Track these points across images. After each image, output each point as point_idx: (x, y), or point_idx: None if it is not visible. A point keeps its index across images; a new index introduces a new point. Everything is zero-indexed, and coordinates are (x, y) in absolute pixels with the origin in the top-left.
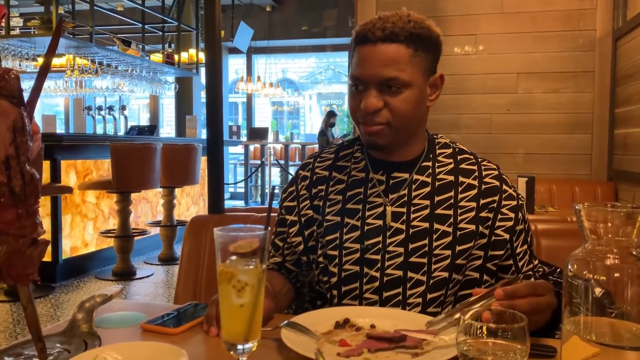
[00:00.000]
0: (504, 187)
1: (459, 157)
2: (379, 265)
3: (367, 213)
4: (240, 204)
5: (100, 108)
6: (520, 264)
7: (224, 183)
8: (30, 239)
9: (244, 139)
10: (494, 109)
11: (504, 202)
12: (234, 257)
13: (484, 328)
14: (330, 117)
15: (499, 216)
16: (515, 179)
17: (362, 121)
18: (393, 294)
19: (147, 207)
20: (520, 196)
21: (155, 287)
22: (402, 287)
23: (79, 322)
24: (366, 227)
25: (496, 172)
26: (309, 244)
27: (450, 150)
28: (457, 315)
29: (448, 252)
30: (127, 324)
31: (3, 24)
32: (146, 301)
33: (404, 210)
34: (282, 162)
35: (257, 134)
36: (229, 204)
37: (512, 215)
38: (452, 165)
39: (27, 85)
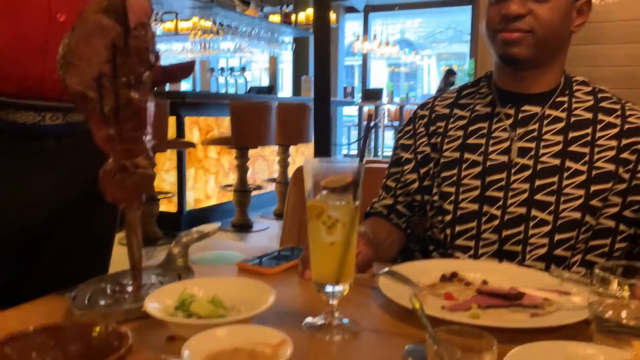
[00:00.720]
0: None
1: (599, 96)
2: (500, 203)
3: (491, 149)
4: None
5: (222, 69)
6: None
7: (329, 136)
8: (119, 164)
9: (358, 101)
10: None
11: None
12: (324, 192)
13: (626, 287)
14: (449, 76)
15: None
16: None
17: (500, 28)
18: (514, 232)
19: (264, 164)
20: None
21: (269, 241)
22: (525, 226)
23: (175, 256)
24: (488, 163)
25: None
26: (424, 183)
27: (589, 88)
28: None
29: (581, 192)
30: (223, 262)
31: None
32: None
33: (533, 145)
34: (396, 123)
35: (371, 95)
36: None
37: None
38: (591, 102)
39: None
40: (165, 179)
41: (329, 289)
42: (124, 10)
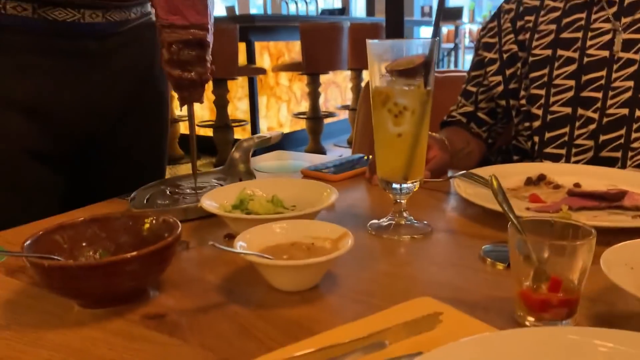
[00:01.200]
0: None
1: None
2: (598, 104)
3: (589, 43)
4: None
5: None
6: None
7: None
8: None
9: None
10: None
11: None
12: (391, 77)
13: None
14: None
15: None
16: None
17: None
18: (613, 136)
19: (337, 91)
20: None
21: None
22: (627, 128)
23: (236, 161)
24: (586, 59)
25: None
26: (510, 85)
27: None
28: None
29: None
30: (287, 169)
31: None
32: None
33: (639, 36)
34: None
35: (451, 15)
36: None
37: None
38: None
39: None
40: (238, 107)
41: (396, 185)
42: None
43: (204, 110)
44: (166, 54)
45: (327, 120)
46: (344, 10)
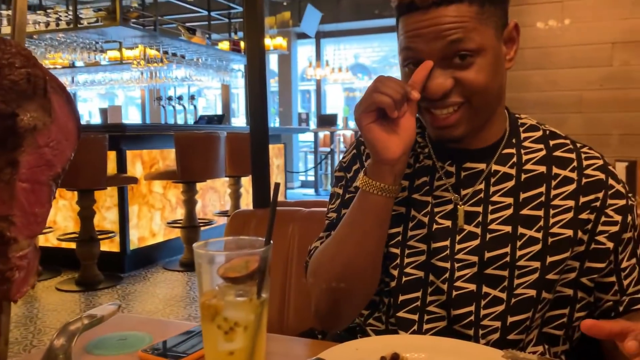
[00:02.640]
0: (610, 181)
1: (551, 143)
2: (446, 275)
3: (436, 209)
4: (310, 192)
5: (170, 98)
6: (625, 282)
7: (268, 175)
8: None
9: (312, 127)
10: (585, 84)
11: (609, 201)
12: (222, 283)
13: None
14: None
15: (603, 218)
16: (613, 164)
17: (428, 111)
18: (463, 312)
19: (215, 196)
20: (630, 195)
21: None
22: (475, 305)
23: (56, 352)
24: (434, 226)
25: (600, 162)
26: None
27: (539, 134)
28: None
29: (536, 264)
30: (125, 349)
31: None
32: None
33: (480, 209)
34: None
35: (326, 121)
36: (298, 193)
37: (618, 218)
38: (543, 153)
39: (101, 76)
40: (106, 217)
41: None
42: None
43: (67, 222)
44: None
45: (204, 228)
46: (222, 118)
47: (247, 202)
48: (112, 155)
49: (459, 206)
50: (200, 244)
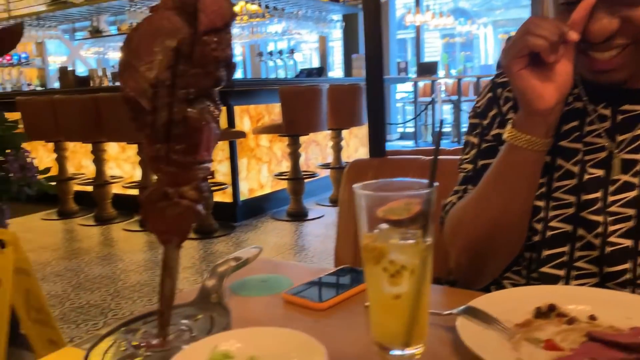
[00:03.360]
0: None
1: None
2: (599, 229)
3: (586, 158)
4: (409, 144)
5: (270, 53)
6: None
7: (384, 123)
8: (160, 190)
9: (412, 76)
10: None
11: None
12: (384, 226)
13: None
14: None
15: None
16: None
17: (585, 53)
18: (619, 270)
19: (317, 149)
20: None
21: (326, 229)
22: (632, 263)
23: (209, 291)
24: (585, 176)
25: None
26: None
27: None
28: None
29: None
30: (269, 291)
31: None
32: (318, 242)
33: (638, 157)
34: (454, 97)
35: (426, 69)
36: (396, 145)
37: None
38: None
39: None
40: (218, 169)
41: (395, 353)
42: (195, 10)
43: None
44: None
45: (308, 180)
46: (321, 71)
47: (347, 154)
48: (222, 111)
49: (614, 154)
50: (360, 185)
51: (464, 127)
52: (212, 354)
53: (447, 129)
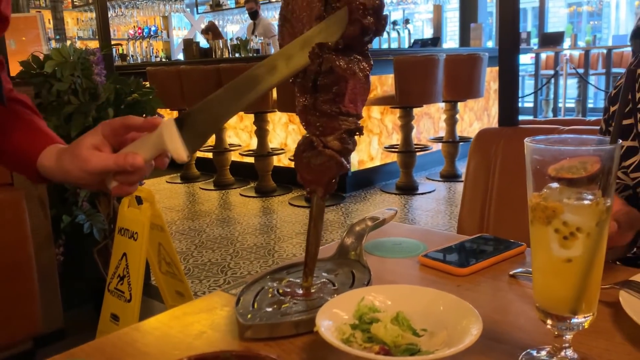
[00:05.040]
0: None
1: None
2: None
3: None
4: (528, 119)
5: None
6: None
7: (517, 90)
8: (308, 139)
9: (533, 47)
10: None
11: None
12: (556, 185)
13: None
14: None
15: None
16: None
17: None
18: None
19: (429, 122)
20: None
21: (437, 204)
22: None
23: (348, 248)
24: None
25: None
26: None
27: None
28: None
29: None
30: (404, 254)
31: None
32: (428, 217)
33: None
34: (581, 71)
35: (551, 40)
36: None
37: None
38: None
39: None
40: None
41: (563, 322)
42: None
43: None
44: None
45: (419, 153)
46: (437, 41)
47: (461, 128)
48: None
49: None
50: (531, 139)
51: (590, 103)
52: (358, 306)
53: (570, 104)
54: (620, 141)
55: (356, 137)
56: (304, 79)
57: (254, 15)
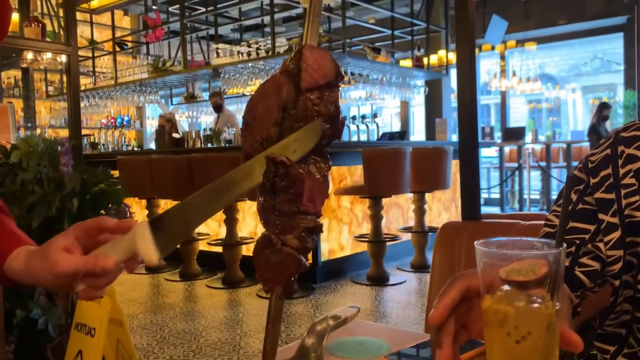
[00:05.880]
0: None
1: None
2: None
3: None
4: (494, 210)
5: (354, 117)
6: None
7: (479, 185)
8: (267, 237)
9: (497, 141)
10: None
11: None
12: (506, 288)
13: None
14: (602, 110)
15: None
16: None
17: None
18: None
19: (399, 212)
20: None
21: (408, 295)
22: None
23: (308, 350)
24: None
25: None
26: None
27: None
28: None
29: None
30: (367, 354)
31: None
32: (399, 309)
33: None
34: (543, 164)
35: (513, 134)
36: (481, 210)
37: None
38: None
39: None
40: None
41: None
42: (300, 70)
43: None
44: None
45: (389, 243)
46: (404, 134)
47: (430, 218)
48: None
49: None
50: (483, 242)
51: (554, 195)
52: None
53: (535, 196)
54: (564, 245)
55: (324, 228)
56: (262, 182)
57: (219, 108)
